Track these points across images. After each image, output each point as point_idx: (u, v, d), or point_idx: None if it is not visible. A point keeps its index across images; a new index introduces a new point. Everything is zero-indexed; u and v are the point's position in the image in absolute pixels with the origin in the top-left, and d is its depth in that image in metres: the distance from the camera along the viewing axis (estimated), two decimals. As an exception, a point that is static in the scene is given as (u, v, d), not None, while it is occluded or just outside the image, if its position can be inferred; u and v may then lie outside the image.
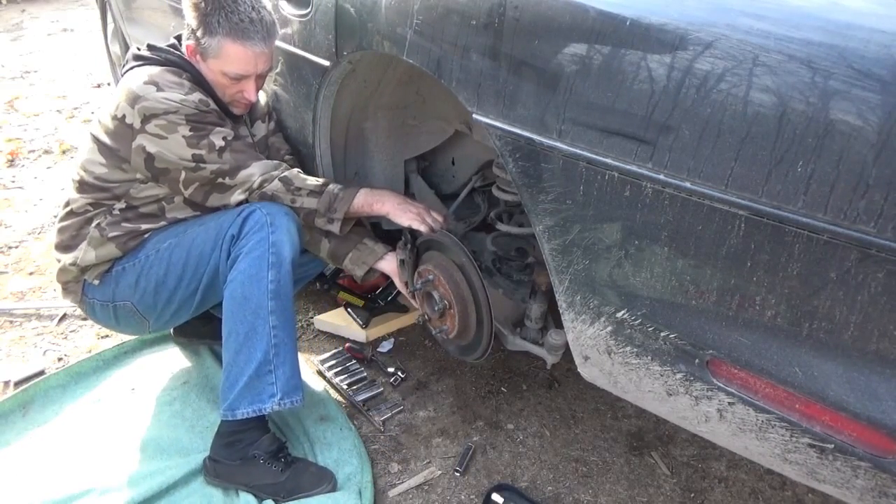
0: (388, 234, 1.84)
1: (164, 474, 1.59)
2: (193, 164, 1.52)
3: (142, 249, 1.62)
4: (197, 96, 1.54)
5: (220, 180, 1.55)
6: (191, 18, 1.54)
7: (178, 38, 1.68)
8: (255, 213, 1.53)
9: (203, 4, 1.50)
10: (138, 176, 1.58)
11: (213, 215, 1.61)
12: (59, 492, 1.56)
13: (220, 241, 1.55)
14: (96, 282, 1.65)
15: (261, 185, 1.55)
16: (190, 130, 1.51)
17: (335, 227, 1.60)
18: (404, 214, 1.61)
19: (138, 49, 1.64)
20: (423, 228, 1.59)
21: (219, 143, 1.53)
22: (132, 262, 1.62)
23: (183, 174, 1.53)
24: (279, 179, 1.56)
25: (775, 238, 0.87)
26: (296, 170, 1.62)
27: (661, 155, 0.94)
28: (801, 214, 0.84)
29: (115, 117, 1.53)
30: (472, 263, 1.48)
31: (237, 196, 1.56)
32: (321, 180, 1.62)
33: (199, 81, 1.59)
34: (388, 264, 1.69)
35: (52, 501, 1.53)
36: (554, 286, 1.20)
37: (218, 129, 1.55)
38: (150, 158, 1.52)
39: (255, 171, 1.56)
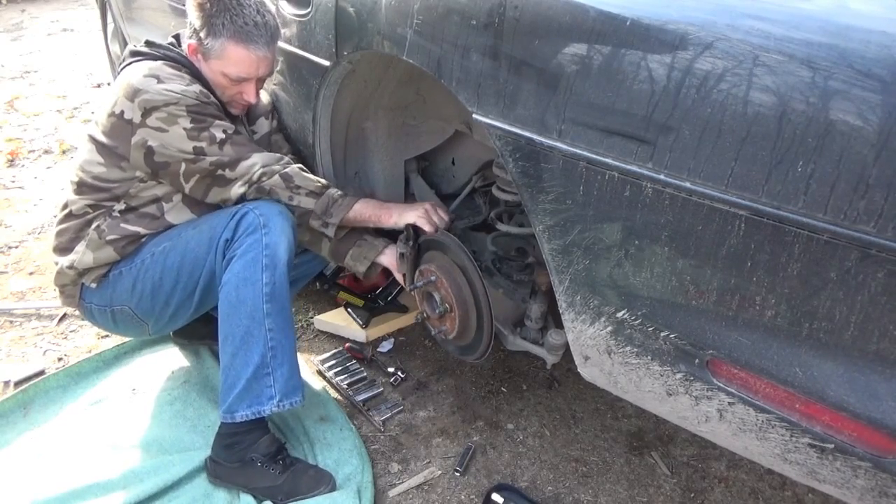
0: (389, 233, 1.84)
1: (168, 471, 1.59)
2: (193, 157, 1.51)
3: (138, 253, 1.61)
4: (197, 87, 1.53)
5: (220, 172, 1.54)
6: (195, 18, 1.53)
7: (177, 36, 1.68)
8: (248, 214, 1.51)
9: (208, 5, 1.50)
10: (137, 174, 1.57)
11: (206, 217, 1.60)
12: (61, 490, 1.55)
13: (215, 245, 1.54)
14: (94, 285, 1.63)
15: (259, 178, 1.54)
16: (191, 122, 1.50)
17: (330, 231, 1.60)
18: (412, 211, 1.62)
19: (135, 46, 1.64)
20: (427, 228, 1.59)
21: (219, 135, 1.52)
22: (129, 266, 1.61)
23: (183, 166, 1.52)
24: (279, 175, 1.55)
25: (775, 238, 0.87)
26: (298, 166, 1.60)
27: (662, 155, 0.94)
28: (801, 214, 0.84)
29: (112, 114, 1.52)
30: (475, 266, 1.48)
31: (237, 189, 1.55)
32: (323, 182, 1.61)
33: (197, 77, 1.59)
34: (389, 258, 1.69)
35: (53, 499, 1.53)
36: (554, 286, 1.20)
37: (218, 121, 1.54)
38: (149, 153, 1.51)
39: (256, 161, 1.55)
